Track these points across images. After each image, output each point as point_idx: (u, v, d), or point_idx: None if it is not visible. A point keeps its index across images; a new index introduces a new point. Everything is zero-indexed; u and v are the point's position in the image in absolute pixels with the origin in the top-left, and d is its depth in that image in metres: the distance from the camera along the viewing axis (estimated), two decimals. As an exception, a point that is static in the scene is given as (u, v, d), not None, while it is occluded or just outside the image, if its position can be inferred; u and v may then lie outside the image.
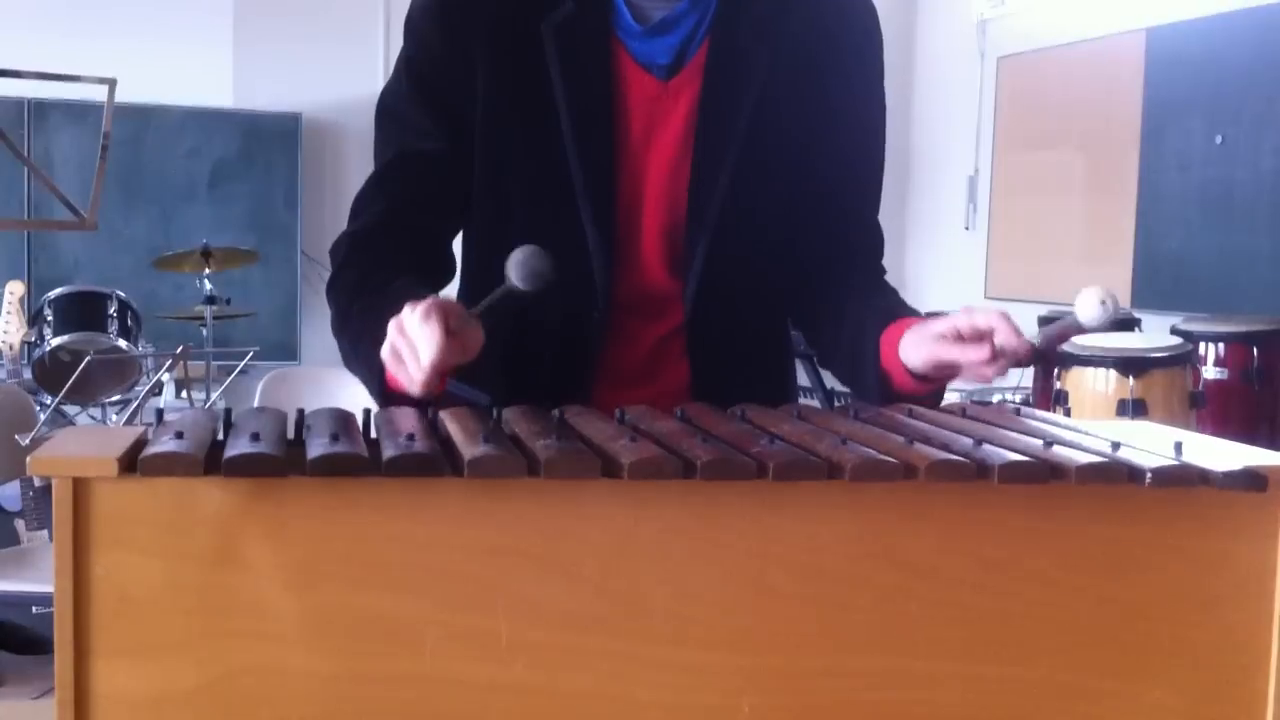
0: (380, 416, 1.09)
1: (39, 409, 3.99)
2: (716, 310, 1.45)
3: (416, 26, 1.47)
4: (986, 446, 1.06)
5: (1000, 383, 5.13)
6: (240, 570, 0.95)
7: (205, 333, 5.38)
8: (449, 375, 1.20)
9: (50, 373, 4.83)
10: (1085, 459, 1.03)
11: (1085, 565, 1.07)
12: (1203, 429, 3.85)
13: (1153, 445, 1.10)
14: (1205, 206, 5.23)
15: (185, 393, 4.64)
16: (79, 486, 0.93)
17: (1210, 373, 4.27)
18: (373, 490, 0.95)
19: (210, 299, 5.35)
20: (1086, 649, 1.07)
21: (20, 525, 3.54)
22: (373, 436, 1.05)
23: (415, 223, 1.46)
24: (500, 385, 1.42)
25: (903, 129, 6.57)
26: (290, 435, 1.05)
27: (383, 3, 6.42)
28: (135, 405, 3.84)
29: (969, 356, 1.22)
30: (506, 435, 1.05)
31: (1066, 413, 4.00)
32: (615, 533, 1.00)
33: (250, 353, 4.15)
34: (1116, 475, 1.03)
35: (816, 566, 1.03)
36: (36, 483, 3.39)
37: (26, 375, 4.96)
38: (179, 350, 3.78)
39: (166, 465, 0.92)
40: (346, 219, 1.48)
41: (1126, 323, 4.77)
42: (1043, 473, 1.02)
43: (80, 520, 0.93)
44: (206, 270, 5.38)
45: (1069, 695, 1.07)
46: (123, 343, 4.97)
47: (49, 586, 1.05)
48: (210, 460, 0.93)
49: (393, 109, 1.48)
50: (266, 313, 6.16)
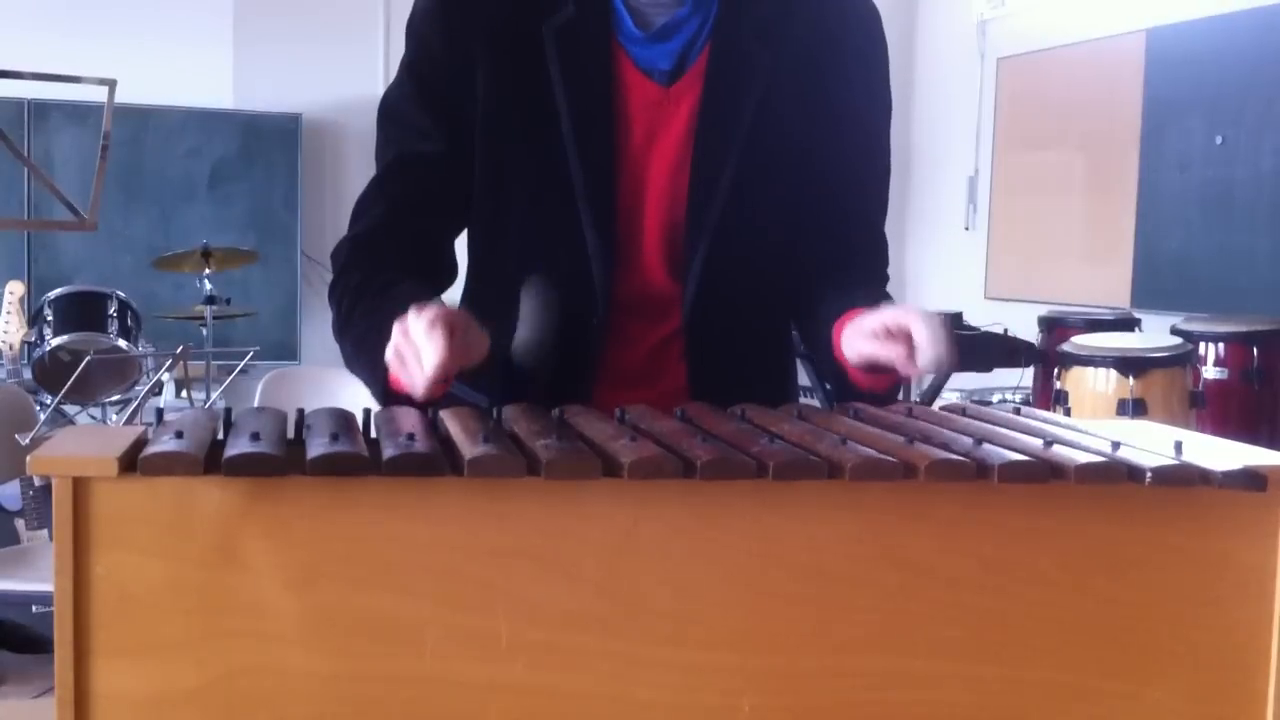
0: (380, 416, 1.09)
1: (39, 409, 3.99)
2: (716, 313, 1.45)
3: (418, 29, 1.47)
4: (986, 446, 1.06)
5: (1000, 383, 5.13)
6: (240, 570, 0.95)
7: (205, 333, 5.38)
8: (452, 379, 1.21)
9: (50, 372, 4.82)
10: (1085, 458, 1.03)
11: (1085, 565, 1.07)
12: (1203, 429, 3.85)
13: (1153, 445, 1.10)
14: (1205, 206, 5.23)
15: (185, 392, 4.64)
16: (79, 486, 0.93)
17: (1210, 373, 4.27)
18: (373, 490, 0.95)
19: (210, 299, 5.35)
20: (1086, 649, 1.07)
21: (20, 525, 3.54)
22: (373, 436, 1.06)
23: (416, 225, 1.46)
24: (500, 387, 1.42)
25: (903, 129, 6.57)
26: (290, 435, 1.05)
27: (383, 3, 6.41)
28: (135, 405, 3.84)
29: (889, 354, 1.22)
30: (506, 435, 1.05)
31: (1066, 412, 4.00)
32: (615, 533, 1.00)
33: (250, 352, 4.15)
34: (1116, 475, 1.03)
35: (816, 566, 1.03)
36: (36, 482, 3.39)
37: (26, 375, 4.96)
38: (179, 350, 3.77)
39: (166, 465, 0.92)
40: (346, 219, 1.48)
41: (1127, 322, 4.77)
42: (1043, 472, 1.02)
43: (80, 520, 0.93)
44: (206, 270, 5.38)
45: (1069, 695, 1.07)
46: (123, 343, 4.97)
47: (49, 586, 1.05)
48: (210, 460, 0.93)
49: (394, 111, 1.48)
50: (266, 313, 6.16)
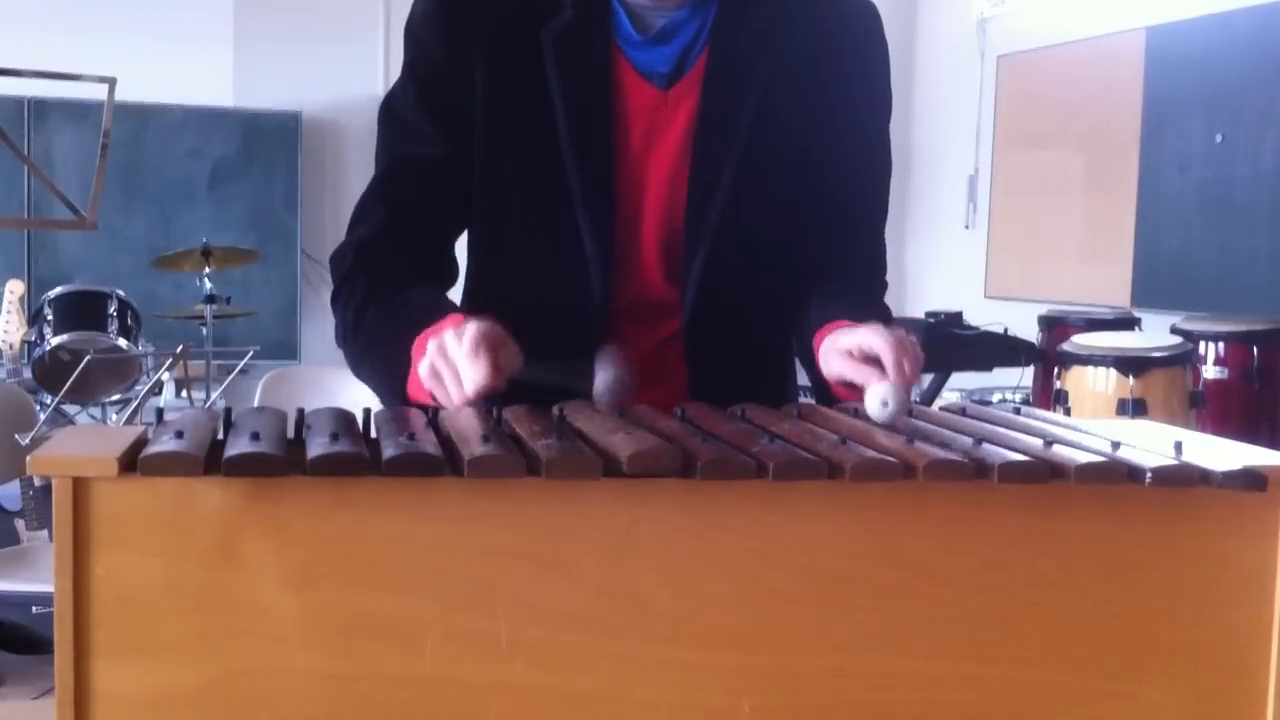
0: (380, 416, 1.09)
1: (39, 408, 3.99)
2: (716, 316, 1.44)
3: (417, 33, 1.47)
4: (986, 446, 1.06)
5: (1000, 382, 5.13)
6: (240, 570, 0.95)
7: (205, 332, 5.38)
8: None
9: (50, 372, 4.82)
10: (1085, 458, 1.03)
11: (1085, 565, 1.07)
12: (1203, 428, 3.85)
13: (1153, 445, 1.10)
14: (1205, 206, 5.23)
15: (185, 392, 4.64)
16: (79, 486, 0.93)
17: (1210, 372, 4.27)
18: (373, 490, 0.95)
19: (210, 298, 5.35)
20: (1086, 649, 1.07)
21: (20, 525, 3.54)
22: (373, 436, 1.06)
23: (417, 228, 1.46)
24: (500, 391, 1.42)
25: (903, 129, 6.56)
26: (290, 435, 1.05)
27: (383, 3, 6.42)
28: (135, 405, 3.84)
29: (860, 377, 1.20)
30: (507, 435, 1.05)
31: (1066, 412, 4.00)
32: (615, 532, 1.00)
33: (250, 352, 4.15)
34: (1116, 475, 1.03)
35: (816, 566, 1.03)
36: (36, 482, 3.39)
37: (26, 375, 4.96)
38: (179, 350, 3.77)
39: (166, 465, 0.92)
40: (346, 218, 1.48)
41: (1127, 322, 4.77)
42: (1042, 472, 1.02)
43: (80, 520, 0.93)
44: (206, 269, 5.38)
45: (1069, 695, 1.07)
46: (123, 342, 4.97)
47: (49, 586, 1.05)
48: (210, 460, 0.93)
49: (394, 114, 1.48)
50: (266, 312, 6.16)
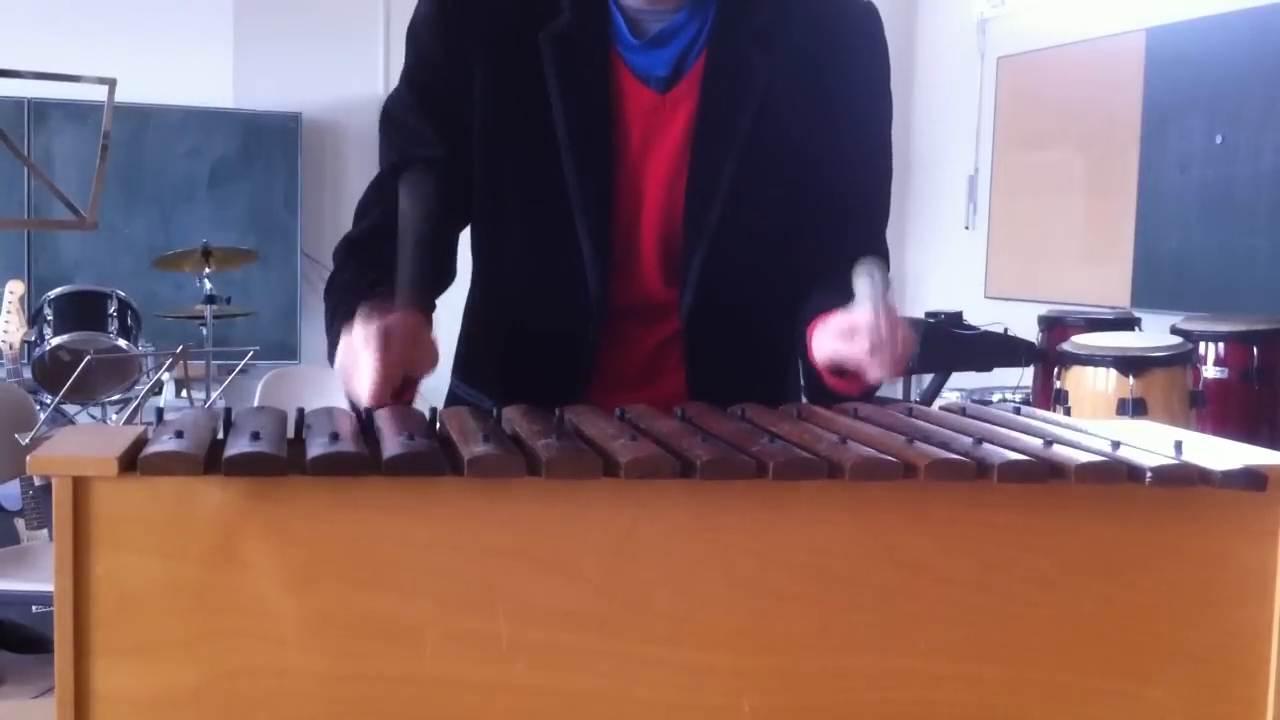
0: (381, 416, 1.09)
1: (39, 408, 3.99)
2: (714, 318, 1.44)
3: (417, 36, 1.48)
4: (986, 445, 1.06)
5: (1000, 382, 5.13)
6: (240, 570, 0.95)
7: (205, 332, 5.38)
8: (411, 386, 1.23)
9: (50, 372, 4.82)
10: (1085, 458, 1.03)
11: (1085, 565, 1.07)
12: (1203, 428, 3.86)
13: (1152, 444, 1.10)
14: (1205, 206, 5.23)
15: (185, 392, 4.64)
16: (79, 486, 0.93)
17: (1210, 372, 4.27)
18: (373, 490, 0.95)
19: (210, 298, 5.35)
20: (1086, 649, 1.07)
21: (20, 524, 3.54)
22: (373, 436, 1.05)
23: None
24: (498, 389, 1.43)
25: (903, 129, 6.56)
26: (290, 434, 1.05)
27: (383, 3, 6.42)
28: (135, 404, 3.84)
29: (852, 351, 1.20)
30: (507, 435, 1.05)
31: (1066, 412, 4.00)
32: (615, 532, 1.00)
33: (250, 352, 4.15)
34: (1116, 474, 1.03)
35: (816, 566, 1.03)
36: (36, 482, 3.39)
37: (26, 374, 4.95)
38: (179, 350, 3.77)
39: (166, 464, 0.92)
40: (347, 218, 1.48)
41: (1127, 322, 4.78)
42: (1042, 472, 1.02)
43: (80, 519, 0.93)
44: (206, 270, 5.38)
45: (1069, 695, 1.07)
46: (123, 342, 4.97)
47: (49, 586, 1.05)
48: (210, 459, 0.93)
49: (395, 116, 1.49)
50: (266, 312, 6.16)
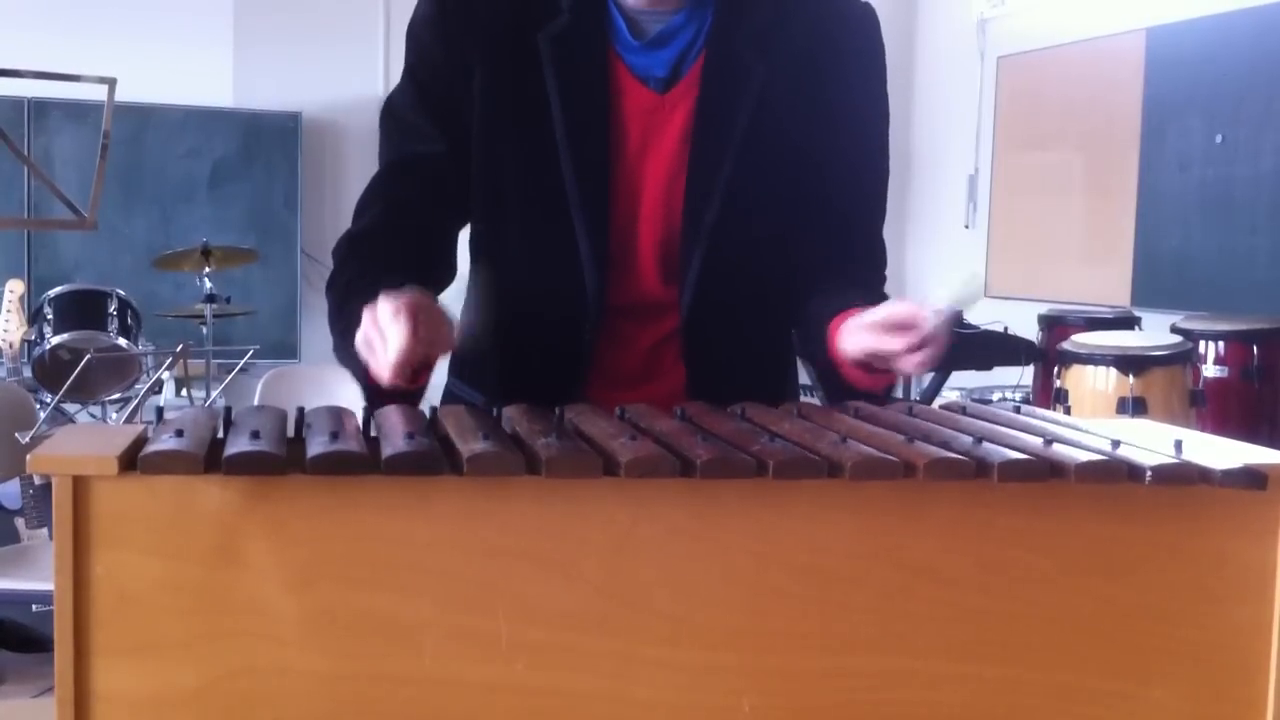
0: (380, 416, 1.09)
1: (39, 407, 3.99)
2: (714, 316, 1.45)
3: (418, 35, 1.48)
4: (986, 444, 1.06)
5: (1000, 381, 5.13)
6: (240, 570, 0.95)
7: (205, 331, 5.37)
8: (427, 369, 1.22)
9: (50, 371, 4.82)
10: (1085, 457, 1.03)
11: (1085, 565, 1.07)
12: (1203, 427, 3.85)
13: (1152, 444, 1.10)
14: (1205, 206, 5.23)
15: (185, 391, 4.64)
16: (79, 485, 0.93)
17: (1210, 371, 4.27)
18: (373, 489, 0.95)
19: (210, 297, 5.35)
20: (1086, 649, 1.07)
21: (20, 523, 3.54)
22: (373, 435, 1.05)
23: (415, 224, 1.47)
24: (496, 388, 1.43)
25: (903, 129, 6.56)
26: (290, 433, 1.05)
27: (383, 3, 6.41)
28: (135, 404, 3.83)
29: (892, 345, 1.21)
30: (506, 434, 1.05)
31: (1066, 411, 4.00)
32: (615, 532, 1.00)
33: (250, 351, 4.15)
34: (1116, 473, 1.03)
35: (816, 566, 1.03)
36: (36, 481, 3.39)
37: (26, 373, 4.95)
38: (179, 348, 3.77)
39: (166, 464, 0.92)
40: (346, 217, 1.49)
41: (1127, 321, 4.77)
42: (1042, 471, 1.02)
43: (80, 519, 0.93)
44: (206, 269, 5.38)
45: (1069, 695, 1.07)
46: (123, 341, 4.97)
47: (49, 585, 1.05)
48: (210, 458, 0.93)
49: (395, 113, 1.50)
50: (266, 311, 6.16)
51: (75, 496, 0.93)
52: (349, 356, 1.34)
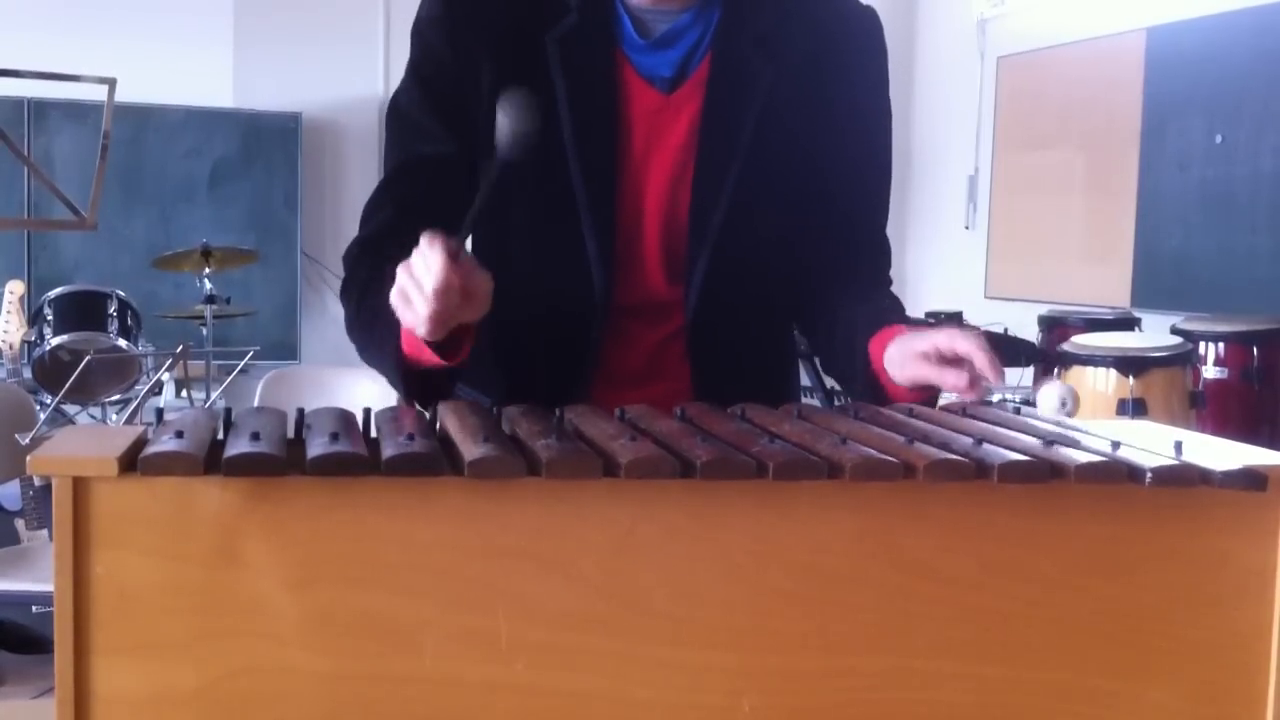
0: (380, 416, 1.09)
1: (39, 408, 3.99)
2: (718, 316, 1.45)
3: (423, 35, 1.48)
4: (986, 445, 1.06)
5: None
6: (240, 570, 0.95)
7: (205, 332, 5.38)
8: (466, 335, 1.20)
9: (50, 372, 4.82)
10: (1085, 458, 1.03)
11: (1085, 565, 1.07)
12: (1203, 428, 3.85)
13: (1153, 445, 1.10)
14: (1205, 206, 5.23)
15: (185, 392, 4.63)
16: (79, 486, 0.93)
17: (1210, 372, 4.27)
18: (373, 490, 0.95)
19: (210, 298, 5.35)
20: (1086, 649, 1.07)
21: (20, 524, 3.54)
22: (373, 436, 1.06)
23: (424, 226, 1.47)
24: (499, 387, 1.43)
25: (903, 129, 6.55)
26: (290, 435, 1.05)
27: (383, 3, 6.41)
28: (135, 405, 3.83)
29: (947, 381, 1.24)
30: (507, 435, 1.05)
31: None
32: (615, 533, 1.00)
33: (250, 352, 4.15)
34: (1116, 474, 1.03)
35: (816, 566, 1.03)
36: (36, 482, 3.39)
37: (26, 374, 4.95)
38: (179, 349, 3.77)
39: (166, 465, 0.92)
40: (347, 218, 1.49)
41: (1127, 322, 4.78)
42: (1043, 472, 1.02)
43: (80, 520, 0.93)
44: (206, 270, 5.38)
45: (1069, 695, 1.07)
46: (123, 342, 4.97)
47: (49, 586, 1.05)
48: (210, 460, 0.93)
49: (402, 114, 1.49)
50: (266, 312, 6.16)
51: (75, 497, 0.93)
52: (375, 352, 1.35)
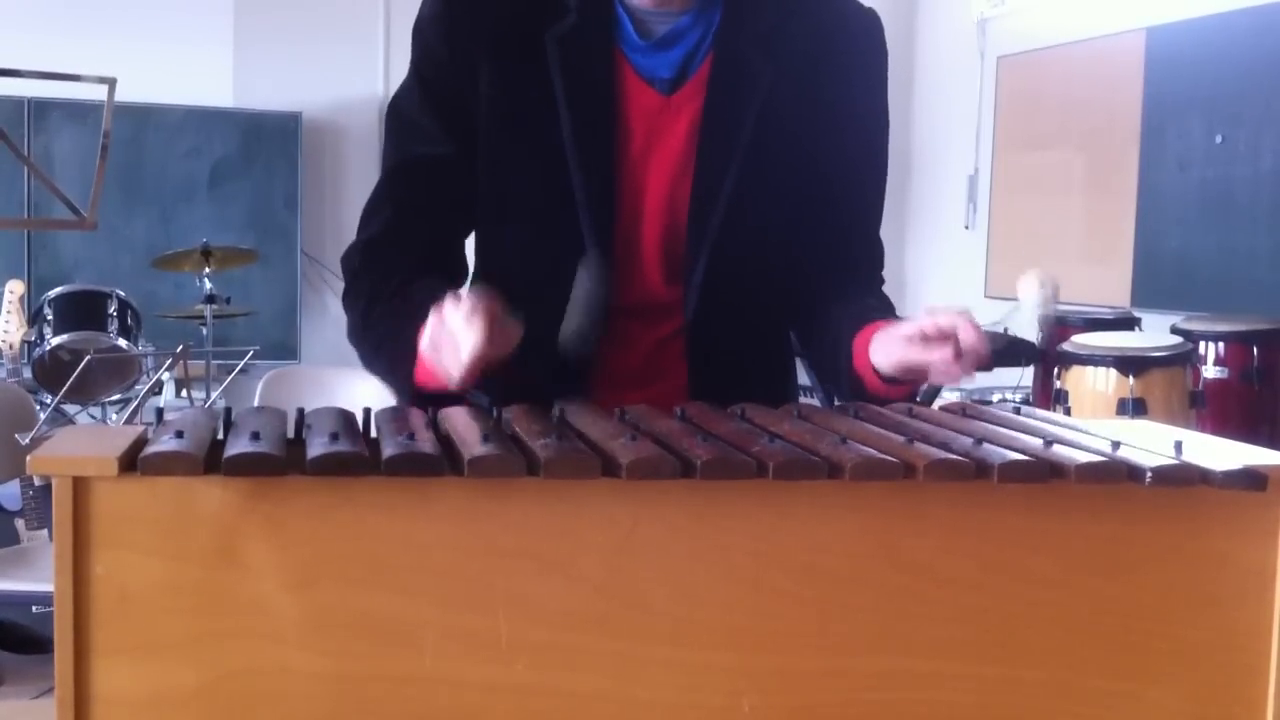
0: (380, 416, 1.09)
1: (39, 408, 3.99)
2: (717, 316, 1.45)
3: (423, 35, 1.48)
4: (986, 445, 1.06)
5: (1000, 382, 5.13)
6: (240, 570, 0.95)
7: (205, 332, 5.37)
8: (490, 369, 1.22)
9: (50, 372, 4.82)
10: (1085, 458, 1.03)
11: (1085, 565, 1.07)
12: (1203, 428, 3.85)
13: (1153, 444, 1.10)
14: (1205, 206, 5.23)
15: (185, 392, 4.63)
16: (79, 486, 0.93)
17: (1210, 372, 4.26)
18: (373, 490, 0.95)
19: (210, 298, 5.35)
20: (1086, 649, 1.07)
21: (20, 524, 3.54)
22: (373, 436, 1.06)
23: (424, 227, 1.47)
24: (498, 386, 1.43)
25: (903, 129, 6.54)
26: (290, 434, 1.05)
27: (383, 3, 6.41)
28: (135, 404, 3.83)
29: (934, 357, 1.22)
30: (507, 435, 1.05)
31: (1066, 412, 4.00)
32: (615, 533, 1.00)
33: (250, 352, 4.14)
34: (1116, 474, 1.03)
35: (816, 566, 1.03)
36: (36, 482, 3.39)
37: (26, 374, 4.95)
38: (179, 349, 3.77)
39: (166, 464, 0.92)
40: (347, 218, 1.49)
41: (1127, 322, 4.77)
42: (1042, 472, 1.02)
43: (80, 519, 0.93)
44: (206, 269, 5.38)
45: (1069, 695, 1.07)
46: (123, 342, 4.97)
47: (49, 586, 1.05)
48: (210, 459, 0.93)
49: (401, 114, 1.49)
50: (266, 312, 6.15)
51: (75, 497, 0.93)
52: (385, 366, 1.35)
